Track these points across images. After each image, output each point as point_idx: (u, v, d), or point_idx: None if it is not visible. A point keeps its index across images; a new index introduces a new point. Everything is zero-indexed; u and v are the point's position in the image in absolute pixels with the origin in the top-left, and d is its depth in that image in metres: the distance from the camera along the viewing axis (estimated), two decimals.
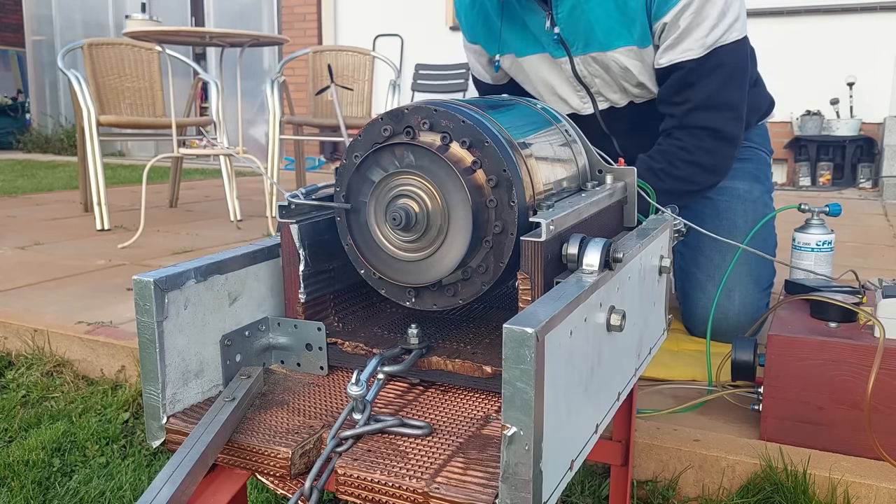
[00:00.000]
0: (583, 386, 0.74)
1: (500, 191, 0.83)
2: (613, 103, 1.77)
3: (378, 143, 0.88)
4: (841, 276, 1.78)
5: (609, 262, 0.81)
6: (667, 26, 1.57)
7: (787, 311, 1.39)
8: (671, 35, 1.57)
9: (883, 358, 1.19)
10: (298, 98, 5.92)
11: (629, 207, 1.11)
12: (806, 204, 1.81)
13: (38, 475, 1.38)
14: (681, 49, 1.58)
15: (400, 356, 0.89)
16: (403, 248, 0.88)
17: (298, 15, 7.46)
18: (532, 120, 1.01)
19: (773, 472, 1.21)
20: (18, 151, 9.01)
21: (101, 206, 3.39)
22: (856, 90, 5.47)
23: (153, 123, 3.81)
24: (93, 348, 1.87)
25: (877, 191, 5.31)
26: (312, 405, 0.85)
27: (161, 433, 0.82)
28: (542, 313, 0.64)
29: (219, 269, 0.87)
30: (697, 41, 1.56)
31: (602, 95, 1.76)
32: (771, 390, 1.29)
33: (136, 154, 8.57)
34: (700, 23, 1.54)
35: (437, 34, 6.93)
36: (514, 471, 0.62)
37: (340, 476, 0.72)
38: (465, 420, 0.81)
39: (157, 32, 3.48)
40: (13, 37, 10.35)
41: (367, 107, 4.37)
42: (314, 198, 0.94)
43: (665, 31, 1.58)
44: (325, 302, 0.98)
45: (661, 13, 1.56)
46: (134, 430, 1.57)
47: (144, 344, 0.80)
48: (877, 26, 5.46)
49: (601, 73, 1.71)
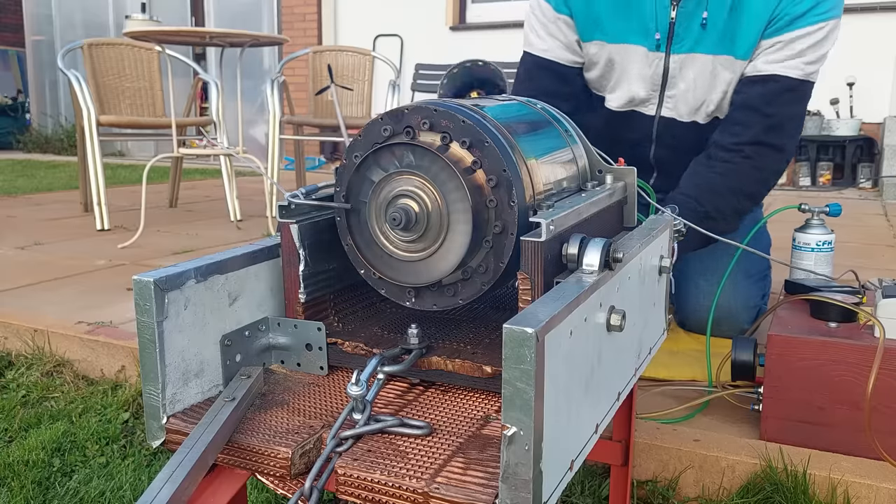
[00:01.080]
0: (583, 386, 0.74)
1: (500, 191, 0.83)
2: (678, 115, 1.76)
3: (378, 143, 0.88)
4: (841, 276, 1.78)
5: (609, 262, 0.81)
6: (781, 44, 1.61)
7: (787, 311, 1.39)
8: (781, 51, 1.62)
9: (883, 358, 1.19)
10: (298, 98, 5.92)
11: (629, 207, 1.11)
12: (806, 204, 1.81)
13: (38, 475, 1.38)
14: (786, 65, 1.62)
15: (400, 356, 0.89)
16: (403, 248, 0.88)
17: (298, 15, 7.45)
18: (532, 120, 1.01)
19: (773, 472, 1.21)
20: (18, 151, 9.00)
21: (101, 206, 3.39)
22: (856, 90, 5.47)
23: (153, 123, 3.81)
24: (93, 348, 1.87)
25: (877, 191, 5.30)
26: (312, 405, 0.85)
27: (161, 433, 0.82)
28: (542, 313, 0.64)
29: (219, 269, 0.87)
30: (801, 66, 1.62)
31: (671, 102, 1.75)
32: (771, 390, 1.29)
33: (136, 154, 8.57)
34: (811, 52, 1.61)
35: (437, 34, 6.93)
36: (514, 471, 0.62)
37: (340, 476, 0.72)
38: (465, 420, 0.81)
39: (157, 32, 3.48)
40: (13, 37, 10.34)
41: (367, 107, 4.37)
42: (314, 198, 0.94)
43: (774, 46, 1.62)
44: (325, 302, 0.98)
45: (780, 32, 1.61)
46: (134, 430, 1.57)
47: (144, 344, 0.80)
48: (877, 26, 5.46)
49: (690, 78, 1.70)
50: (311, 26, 7.41)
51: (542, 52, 1.80)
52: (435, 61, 6.80)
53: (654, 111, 1.77)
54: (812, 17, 1.58)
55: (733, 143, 1.66)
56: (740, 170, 1.65)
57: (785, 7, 1.58)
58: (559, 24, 1.76)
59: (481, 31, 6.78)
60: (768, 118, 1.64)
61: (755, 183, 1.67)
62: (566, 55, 1.79)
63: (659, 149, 1.82)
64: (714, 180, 1.64)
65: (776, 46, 1.61)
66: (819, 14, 1.58)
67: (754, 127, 1.64)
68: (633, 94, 1.76)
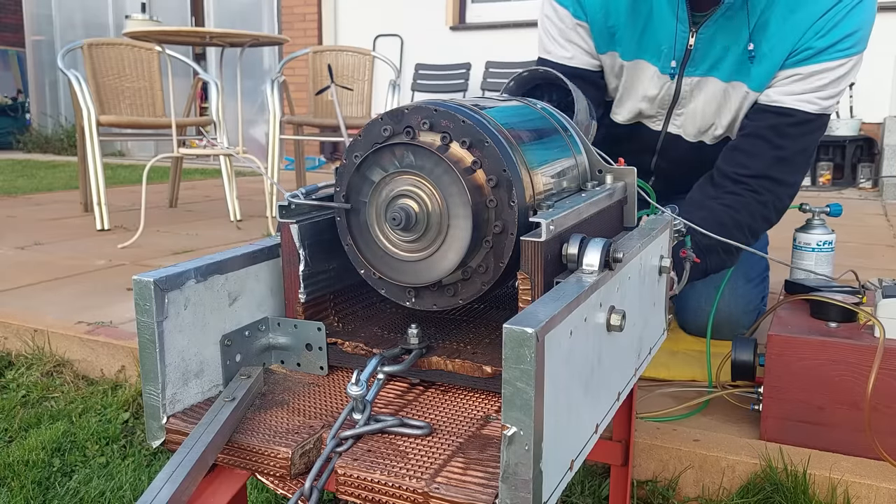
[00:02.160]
0: (583, 386, 0.74)
1: (500, 191, 0.83)
2: (685, 133, 1.72)
3: (378, 143, 0.88)
4: (841, 276, 1.78)
5: (609, 262, 0.81)
6: (800, 76, 1.54)
7: (787, 311, 1.39)
8: (798, 83, 1.55)
9: (883, 358, 1.19)
10: (298, 98, 5.91)
11: (629, 207, 1.11)
12: (807, 204, 1.81)
13: (38, 475, 1.38)
14: (802, 98, 1.55)
15: (400, 356, 0.89)
16: (403, 248, 0.88)
17: (298, 15, 7.45)
18: (532, 120, 1.00)
19: (773, 472, 1.21)
20: (18, 151, 9.00)
21: (101, 206, 3.39)
22: (856, 90, 5.47)
23: (153, 123, 3.81)
24: (93, 348, 1.87)
25: (877, 191, 5.30)
26: (312, 405, 0.85)
27: (161, 433, 0.82)
28: (542, 313, 0.64)
29: (219, 269, 0.87)
30: (818, 100, 1.55)
31: (679, 120, 1.71)
32: (771, 390, 1.29)
33: (136, 154, 8.57)
34: (831, 87, 1.54)
35: (437, 34, 6.93)
36: (514, 471, 0.62)
37: (340, 476, 0.72)
38: (465, 420, 0.81)
39: (157, 32, 3.48)
40: (13, 37, 10.34)
41: (367, 107, 4.37)
42: (314, 198, 0.94)
43: (792, 78, 1.55)
44: (325, 302, 0.98)
45: (801, 64, 1.53)
46: (134, 430, 1.57)
47: (144, 344, 0.80)
48: (877, 26, 5.42)
49: (700, 100, 1.65)
50: (311, 26, 7.41)
51: (566, 61, 1.73)
52: (435, 61, 6.81)
53: (660, 126, 1.74)
54: (835, 52, 1.50)
55: (740, 174, 1.60)
56: (746, 203, 1.59)
57: (808, 40, 1.51)
58: (578, 30, 1.70)
59: (481, 31, 6.79)
60: (778, 150, 1.57)
61: (759, 219, 1.60)
62: (591, 61, 1.72)
63: (661, 160, 1.80)
64: (721, 216, 1.57)
65: (793, 78, 1.54)
66: (842, 49, 1.51)
67: (763, 159, 1.58)
68: (641, 109, 1.72)
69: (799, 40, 1.51)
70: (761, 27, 1.52)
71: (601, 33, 1.67)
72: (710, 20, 1.53)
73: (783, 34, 1.51)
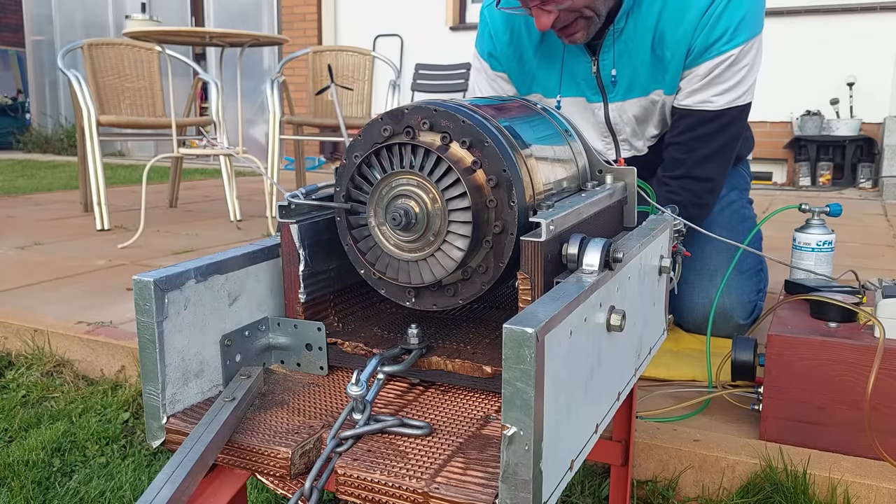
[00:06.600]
0: (583, 386, 0.74)
1: (500, 191, 0.83)
2: (637, 151, 1.82)
3: (378, 143, 0.88)
4: (841, 276, 1.78)
5: (609, 262, 0.81)
6: (697, 77, 1.63)
7: (787, 311, 1.39)
8: (697, 83, 1.64)
9: (883, 358, 1.19)
10: (298, 98, 5.92)
11: (629, 207, 1.11)
12: (806, 204, 1.81)
13: (38, 475, 1.38)
14: (705, 96, 1.64)
15: (400, 356, 0.89)
16: (403, 248, 0.88)
17: (298, 15, 7.45)
18: (532, 120, 1.00)
19: (773, 472, 1.21)
20: (18, 151, 9.01)
21: (101, 206, 3.39)
22: (856, 90, 5.47)
23: (153, 123, 3.81)
24: (93, 348, 1.87)
25: (877, 191, 5.31)
26: (312, 405, 0.85)
27: (161, 433, 0.82)
28: (542, 313, 0.64)
29: (219, 269, 0.87)
30: (721, 95, 1.63)
31: (628, 143, 1.81)
32: (771, 390, 1.29)
33: (136, 154, 8.57)
34: (727, 79, 1.62)
35: (437, 34, 6.93)
36: (514, 471, 0.62)
37: (340, 476, 0.72)
38: (465, 420, 0.81)
39: (157, 32, 3.48)
40: (13, 37, 10.34)
41: (367, 107, 4.37)
42: (314, 198, 0.94)
43: (691, 79, 1.64)
44: (325, 302, 0.98)
45: (696, 62, 1.61)
46: (134, 430, 1.57)
47: (144, 344, 0.80)
48: (877, 26, 5.46)
49: (632, 123, 1.75)
50: (311, 26, 7.41)
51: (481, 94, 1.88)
52: (435, 61, 6.81)
53: (614, 155, 1.84)
54: (723, 44, 1.58)
55: (669, 176, 1.72)
56: (681, 197, 1.70)
57: (697, 38, 1.59)
58: (499, 80, 1.84)
59: None
60: (694, 153, 1.69)
61: (694, 207, 1.72)
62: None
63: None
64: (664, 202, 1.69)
65: (692, 79, 1.63)
66: (728, 42, 1.58)
67: (685, 163, 1.70)
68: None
69: (690, 41, 1.60)
70: (659, 39, 1.62)
71: (521, 79, 1.80)
72: (604, 47, 1.65)
73: (677, 38, 1.60)
